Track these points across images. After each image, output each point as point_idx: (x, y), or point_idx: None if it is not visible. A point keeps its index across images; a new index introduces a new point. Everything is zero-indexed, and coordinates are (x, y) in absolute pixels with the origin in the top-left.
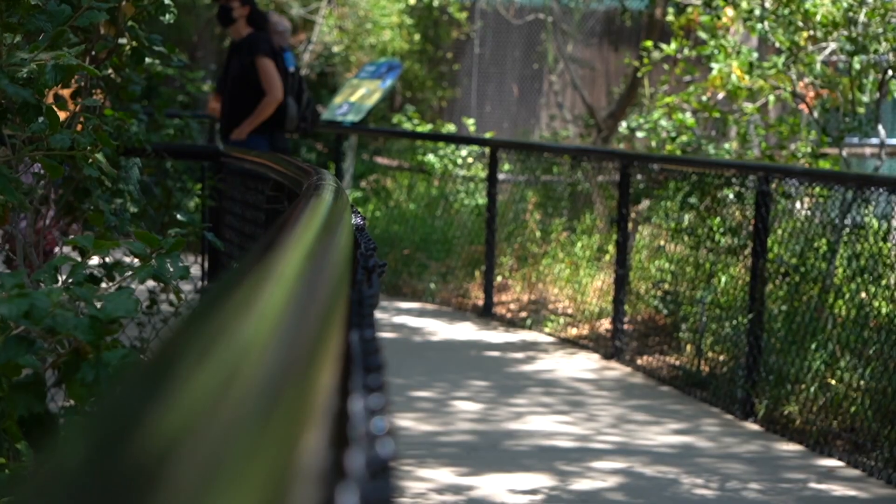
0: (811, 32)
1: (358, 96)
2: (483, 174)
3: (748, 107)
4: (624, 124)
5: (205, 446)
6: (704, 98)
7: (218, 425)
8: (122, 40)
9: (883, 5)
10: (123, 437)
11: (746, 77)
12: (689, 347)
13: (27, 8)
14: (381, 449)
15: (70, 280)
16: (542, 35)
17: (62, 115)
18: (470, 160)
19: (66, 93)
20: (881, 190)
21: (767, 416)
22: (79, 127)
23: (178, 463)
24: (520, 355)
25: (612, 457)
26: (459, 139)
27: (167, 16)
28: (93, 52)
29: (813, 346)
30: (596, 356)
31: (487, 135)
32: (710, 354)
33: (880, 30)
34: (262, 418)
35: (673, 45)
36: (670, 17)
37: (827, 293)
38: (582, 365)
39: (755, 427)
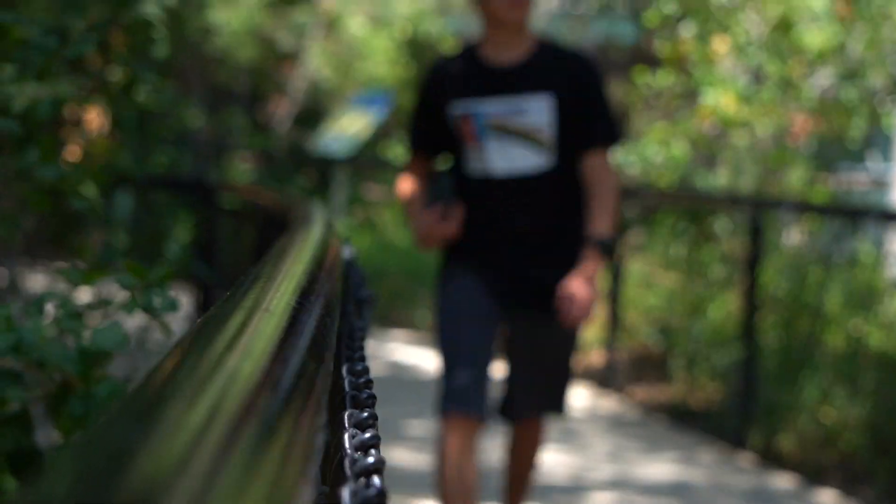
0: (803, 62)
1: (348, 127)
2: None
3: (739, 136)
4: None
5: (192, 482)
6: (694, 129)
7: (206, 460)
8: (113, 72)
9: (875, 36)
10: (109, 471)
11: (739, 107)
12: (681, 378)
13: (16, 40)
14: (373, 485)
15: (58, 313)
16: None
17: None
18: None
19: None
20: (873, 221)
21: (761, 449)
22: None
23: (164, 499)
24: None
25: (606, 489)
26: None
27: (158, 48)
28: (83, 85)
29: (807, 378)
30: (589, 387)
31: None
32: (703, 386)
33: (872, 59)
34: (251, 453)
35: (662, 77)
36: (661, 49)
37: (820, 325)
38: (575, 396)
39: (749, 459)
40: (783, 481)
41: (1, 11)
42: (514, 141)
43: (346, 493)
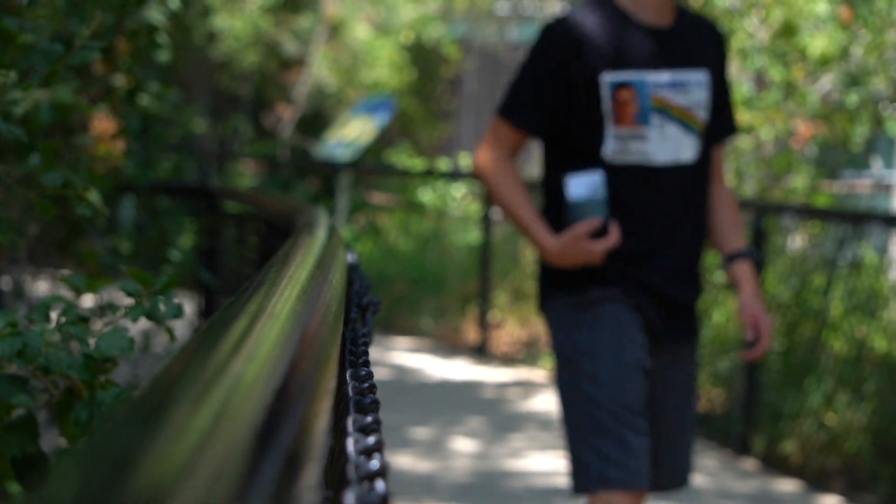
0: (806, 67)
1: (352, 133)
2: (477, 211)
3: (743, 141)
4: None
5: (196, 487)
6: None
7: (210, 465)
8: (117, 79)
9: (878, 41)
10: (115, 476)
11: (741, 111)
12: None
13: (20, 46)
14: (376, 489)
15: (63, 319)
16: None
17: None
18: (465, 197)
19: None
20: (877, 225)
21: (765, 454)
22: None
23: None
24: (515, 393)
25: None
26: (454, 175)
27: (162, 54)
28: (88, 91)
29: (810, 383)
30: None
31: None
32: (706, 391)
33: (875, 64)
34: (255, 459)
35: None
36: None
37: (824, 329)
38: None
39: (753, 464)
40: (787, 486)
41: (6, 18)
42: (673, 124)
43: (349, 497)
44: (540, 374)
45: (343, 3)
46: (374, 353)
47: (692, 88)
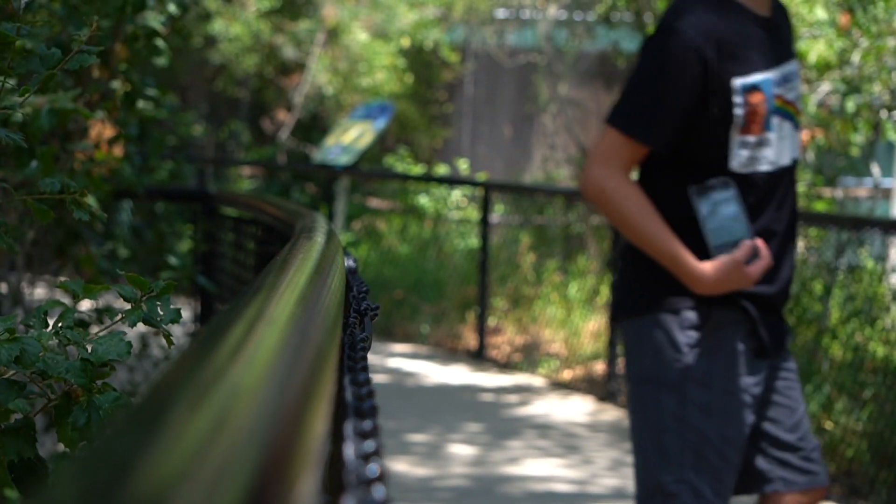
0: (805, 73)
1: (350, 138)
2: (476, 216)
3: None
4: None
5: (196, 492)
6: None
7: (209, 470)
8: (115, 84)
9: (877, 47)
10: (114, 482)
11: None
12: None
13: (18, 52)
14: (375, 494)
15: (61, 324)
16: (535, 76)
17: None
18: (463, 202)
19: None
20: (876, 231)
21: None
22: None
23: None
24: (514, 398)
25: (607, 501)
26: (452, 181)
27: (160, 59)
28: (86, 96)
29: (809, 389)
30: (590, 399)
31: (480, 176)
32: None
33: (874, 70)
34: (253, 464)
35: None
36: None
37: (823, 335)
38: (576, 408)
39: None
40: None
41: (3, 23)
42: (787, 122)
43: (348, 502)
44: (538, 379)
45: (342, 8)
46: (373, 358)
47: (795, 81)
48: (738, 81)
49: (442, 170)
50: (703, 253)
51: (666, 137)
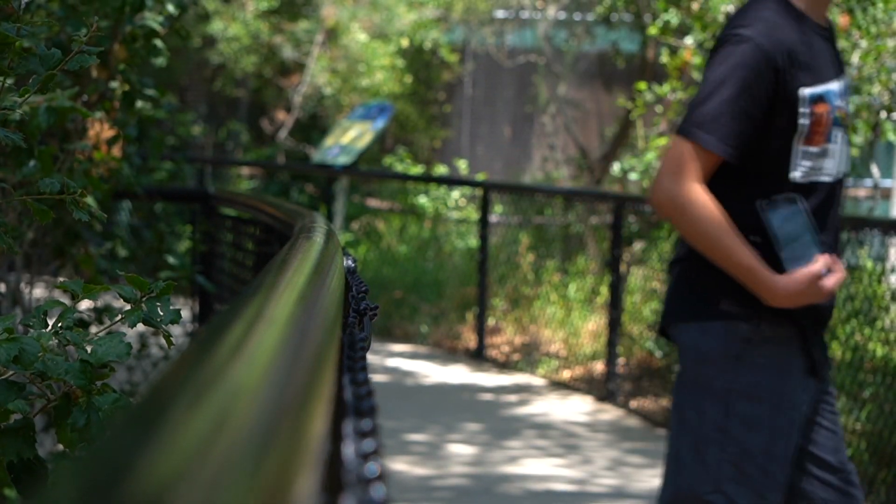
0: None
1: (349, 138)
2: (475, 216)
3: None
4: (617, 166)
5: (195, 492)
6: None
7: (209, 470)
8: (114, 84)
9: (876, 47)
10: (113, 482)
11: None
12: None
13: (18, 52)
14: (374, 494)
15: (60, 324)
16: (534, 77)
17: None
18: (462, 202)
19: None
20: (875, 231)
21: None
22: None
23: None
24: (513, 398)
25: (607, 501)
26: (451, 181)
27: (159, 59)
28: (84, 96)
29: None
30: (589, 399)
31: (479, 176)
32: None
33: (874, 71)
34: (253, 463)
35: (666, 87)
36: (665, 59)
37: None
38: (575, 408)
39: None
40: None
41: (3, 23)
42: (843, 134)
43: (348, 502)
44: (537, 379)
45: (341, 8)
46: (372, 358)
47: (848, 92)
48: (807, 91)
49: (441, 170)
50: (770, 265)
51: (739, 147)
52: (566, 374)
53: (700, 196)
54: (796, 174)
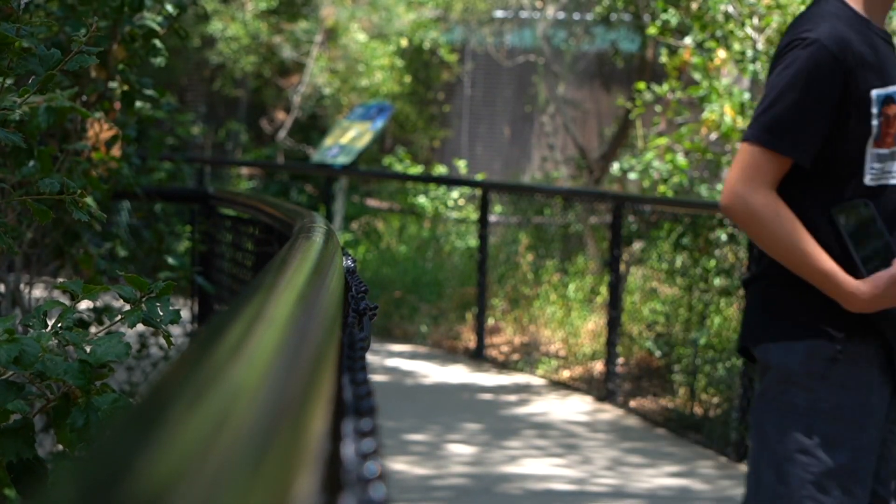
0: None
1: (348, 138)
2: (474, 216)
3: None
4: (616, 165)
5: (195, 492)
6: (696, 139)
7: (209, 470)
8: (113, 84)
9: None
10: (113, 482)
11: (739, 118)
12: (682, 390)
13: (18, 52)
14: (374, 493)
15: (59, 324)
16: (534, 76)
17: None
18: (461, 202)
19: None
20: None
21: None
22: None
23: None
24: (512, 398)
25: (607, 500)
26: (451, 181)
27: (158, 59)
28: (84, 97)
29: None
30: (589, 398)
31: (479, 176)
32: (703, 396)
33: None
34: (253, 463)
35: (665, 87)
36: (664, 58)
37: None
38: (575, 407)
39: None
40: None
41: (2, 23)
42: None
43: (347, 501)
44: (537, 379)
45: (340, 8)
46: (372, 358)
47: None
48: (876, 93)
49: (440, 170)
50: (846, 271)
51: (810, 151)
52: (566, 374)
53: (773, 202)
54: (867, 178)
